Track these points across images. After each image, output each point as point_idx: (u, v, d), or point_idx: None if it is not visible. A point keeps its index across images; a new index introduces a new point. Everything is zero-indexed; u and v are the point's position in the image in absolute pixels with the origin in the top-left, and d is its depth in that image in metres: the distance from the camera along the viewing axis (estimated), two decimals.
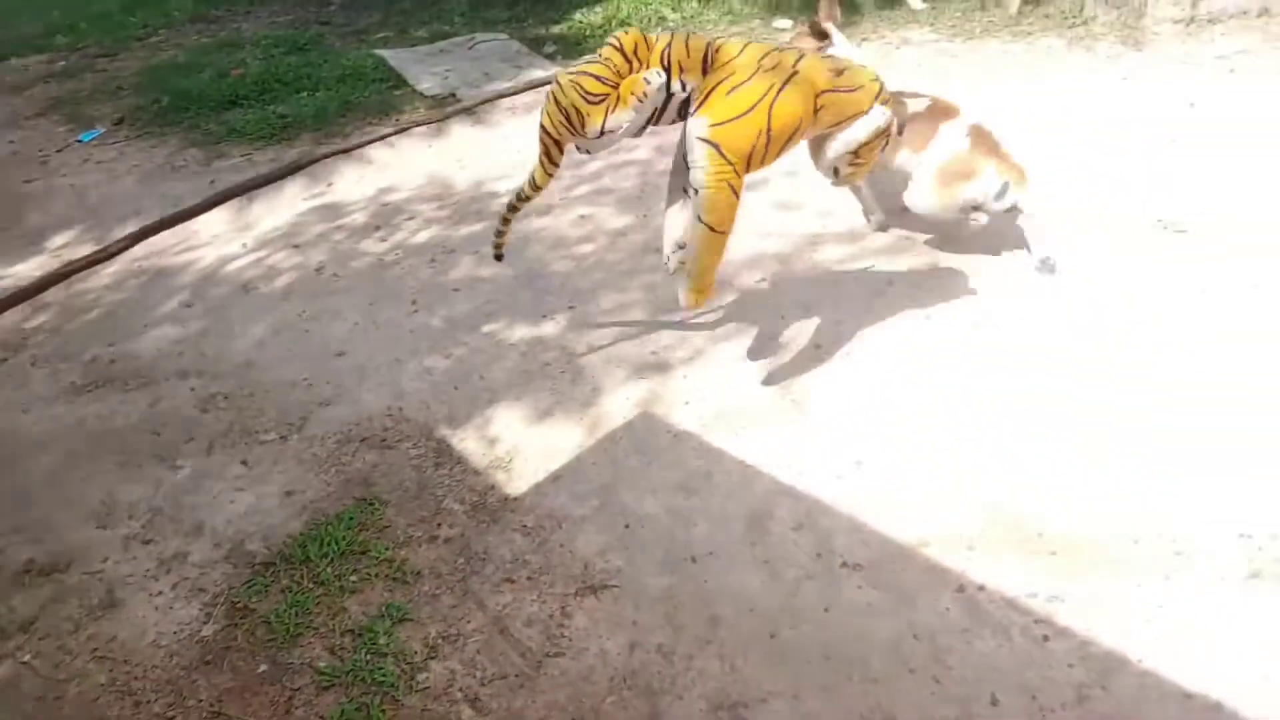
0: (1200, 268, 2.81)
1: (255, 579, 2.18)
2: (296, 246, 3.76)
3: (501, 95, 5.06)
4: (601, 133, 2.13)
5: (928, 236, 3.13)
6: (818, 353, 2.68)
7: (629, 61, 2.12)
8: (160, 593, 2.19)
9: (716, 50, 2.13)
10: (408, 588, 2.10)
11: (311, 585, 2.13)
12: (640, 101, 2.10)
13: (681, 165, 2.23)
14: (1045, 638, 1.83)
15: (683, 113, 2.18)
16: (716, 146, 2.08)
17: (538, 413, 2.58)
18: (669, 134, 4.08)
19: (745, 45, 2.17)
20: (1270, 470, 2.08)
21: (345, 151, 4.48)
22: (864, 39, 5.11)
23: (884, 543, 2.07)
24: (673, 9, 5.85)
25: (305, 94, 5.38)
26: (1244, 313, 2.61)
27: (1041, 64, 4.56)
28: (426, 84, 5.30)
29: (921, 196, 2.88)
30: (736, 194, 2.12)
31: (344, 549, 2.20)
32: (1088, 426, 2.27)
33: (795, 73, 2.12)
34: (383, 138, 4.61)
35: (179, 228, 4.00)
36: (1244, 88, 3.96)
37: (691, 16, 5.76)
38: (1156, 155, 3.52)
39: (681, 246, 2.27)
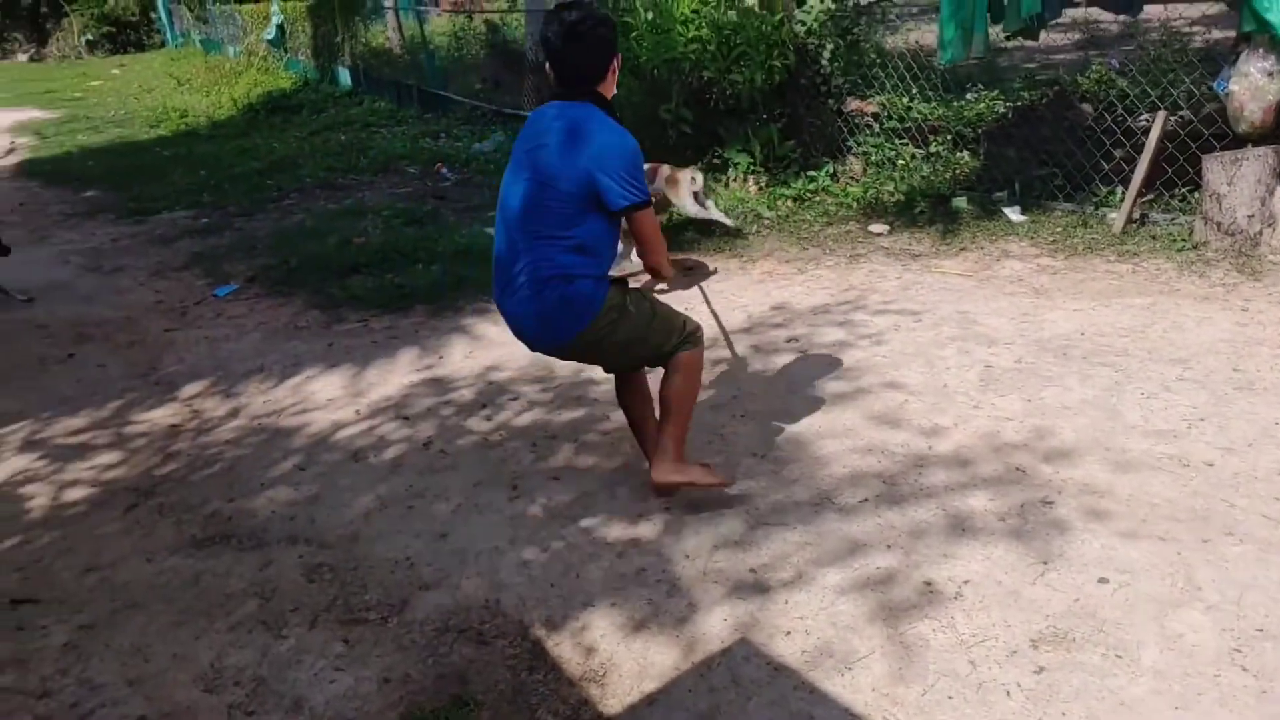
0: None
1: None
2: (406, 418, 3.96)
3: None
4: None
5: (1045, 475, 3.16)
6: (930, 592, 2.64)
7: None
8: None
9: None
10: None
11: None
12: None
13: None
14: None
15: None
16: None
17: (634, 623, 2.63)
18: (762, 334, 4.33)
19: None
20: None
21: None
22: (962, 248, 5.30)
23: None
24: (768, 207, 6.16)
25: (421, 266, 5.76)
26: None
27: (1151, 286, 4.58)
28: None
29: (677, 201, 5.58)
30: None
31: None
32: None
33: None
34: None
35: (298, 387, 4.28)
36: None
37: (787, 215, 6.05)
38: None
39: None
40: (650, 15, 6.43)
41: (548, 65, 2.91)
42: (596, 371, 4.27)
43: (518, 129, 2.92)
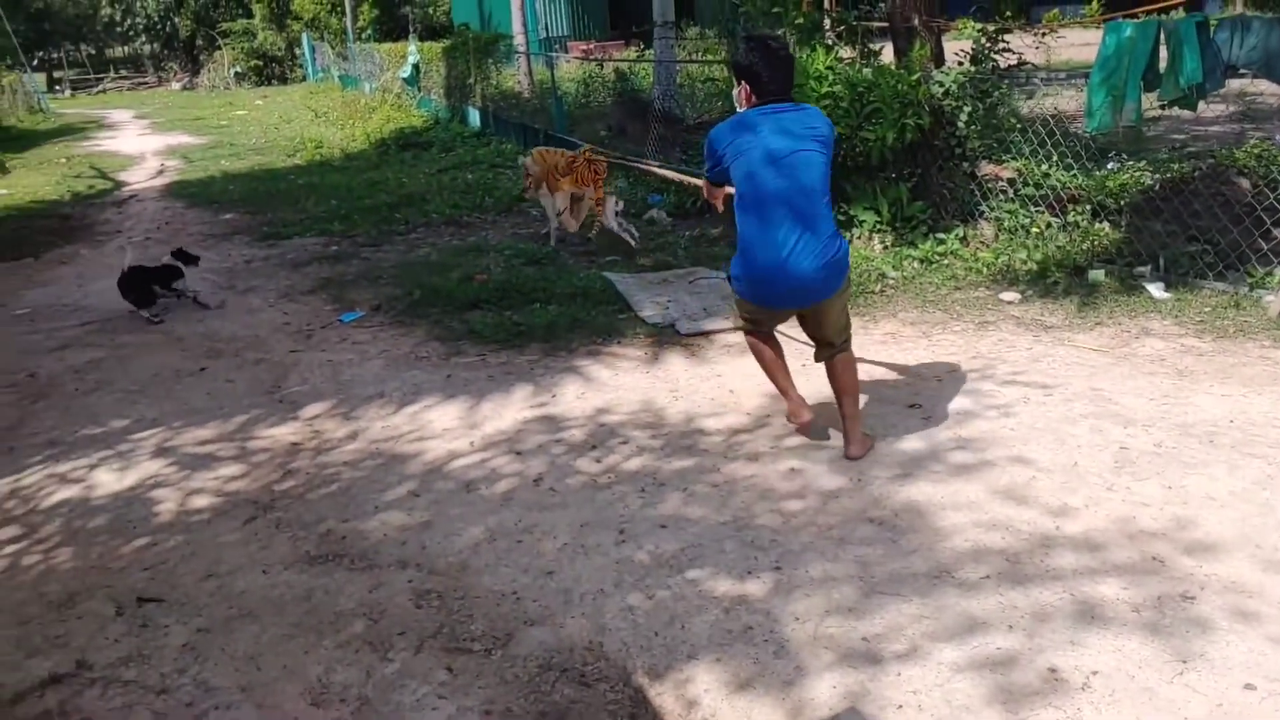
0: None
1: None
2: (518, 453, 3.99)
3: (717, 332, 5.32)
4: None
5: (1186, 568, 2.97)
6: (1054, 679, 2.49)
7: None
8: None
9: None
10: None
11: None
12: None
13: None
14: None
15: None
16: None
17: (738, 682, 2.56)
18: (884, 397, 4.15)
19: None
20: None
21: None
22: (1099, 323, 5.05)
23: None
24: (894, 267, 6.04)
25: (539, 305, 5.83)
26: None
27: None
28: (648, 311, 5.63)
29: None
30: None
31: None
32: None
33: None
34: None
35: (416, 415, 4.38)
36: None
37: (912, 277, 5.91)
38: None
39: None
40: None
41: (752, 80, 3.61)
42: (707, 421, 4.24)
43: (639, 176, 3.13)
